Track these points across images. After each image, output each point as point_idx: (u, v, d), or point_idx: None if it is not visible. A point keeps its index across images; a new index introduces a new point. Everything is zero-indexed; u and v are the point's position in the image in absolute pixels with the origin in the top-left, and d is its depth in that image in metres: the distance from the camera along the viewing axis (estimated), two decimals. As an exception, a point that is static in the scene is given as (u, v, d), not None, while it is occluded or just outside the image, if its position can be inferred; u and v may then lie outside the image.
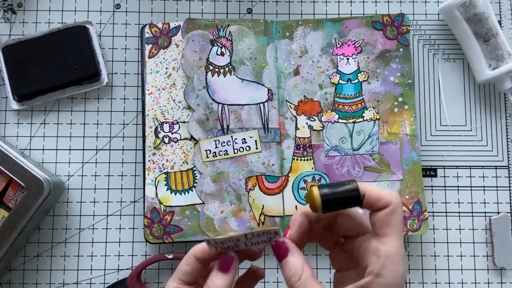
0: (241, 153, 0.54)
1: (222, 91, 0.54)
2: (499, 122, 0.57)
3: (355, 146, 0.54)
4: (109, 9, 0.58)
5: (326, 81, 0.55)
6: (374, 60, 0.55)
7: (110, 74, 0.57)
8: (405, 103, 0.55)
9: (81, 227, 0.55)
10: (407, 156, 0.54)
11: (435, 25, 0.58)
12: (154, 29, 0.55)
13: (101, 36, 0.57)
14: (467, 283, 0.55)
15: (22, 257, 0.54)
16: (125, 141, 0.56)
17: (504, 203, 0.56)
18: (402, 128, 0.54)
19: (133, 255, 0.55)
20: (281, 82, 0.55)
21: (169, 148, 0.54)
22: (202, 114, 0.54)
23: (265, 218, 0.53)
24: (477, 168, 0.57)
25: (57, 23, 0.57)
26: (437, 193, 0.56)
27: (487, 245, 0.56)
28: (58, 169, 0.55)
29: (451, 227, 0.56)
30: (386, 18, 0.56)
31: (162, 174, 0.53)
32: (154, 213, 0.53)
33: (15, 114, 0.56)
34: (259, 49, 0.55)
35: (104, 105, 0.56)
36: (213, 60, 0.55)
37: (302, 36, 0.55)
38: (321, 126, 0.55)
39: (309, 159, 0.54)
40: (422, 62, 0.58)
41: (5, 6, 0.57)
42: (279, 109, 0.54)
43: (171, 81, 0.55)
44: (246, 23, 0.55)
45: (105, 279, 0.54)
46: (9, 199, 0.51)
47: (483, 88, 0.58)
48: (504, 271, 0.55)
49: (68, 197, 0.55)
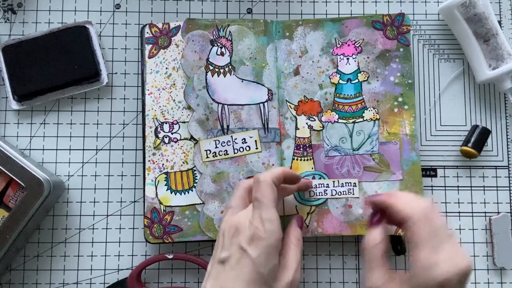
0: (241, 153, 0.54)
1: (222, 91, 0.54)
2: (499, 122, 0.57)
3: (355, 146, 0.54)
4: (109, 9, 0.58)
5: (326, 81, 0.55)
6: (374, 60, 0.55)
7: (110, 74, 0.57)
8: (405, 103, 0.55)
9: (81, 227, 0.55)
10: (407, 156, 0.54)
11: (435, 25, 0.58)
12: (154, 29, 0.55)
13: (101, 36, 0.57)
14: (467, 283, 0.55)
15: (22, 257, 0.54)
16: (125, 141, 0.56)
17: (504, 203, 0.56)
18: (402, 128, 0.54)
19: (133, 255, 0.55)
20: (281, 82, 0.55)
21: (169, 148, 0.54)
22: (202, 114, 0.54)
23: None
24: (477, 168, 0.57)
25: (57, 23, 0.57)
26: (437, 193, 0.56)
27: (487, 245, 0.56)
28: (58, 169, 0.55)
29: (451, 227, 0.56)
30: (386, 18, 0.56)
31: (162, 174, 0.53)
32: (154, 213, 0.53)
33: (15, 114, 0.56)
34: (259, 49, 0.55)
35: (104, 105, 0.56)
36: (213, 60, 0.55)
37: (302, 36, 0.55)
38: (321, 126, 0.55)
39: (309, 159, 0.54)
40: (422, 62, 0.58)
41: (5, 6, 0.57)
42: (279, 109, 0.54)
43: (171, 81, 0.55)
44: (246, 23, 0.55)
45: (105, 279, 0.54)
46: (9, 199, 0.51)
47: (483, 88, 0.58)
48: (504, 271, 0.55)
49: (68, 197, 0.55)
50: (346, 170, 0.54)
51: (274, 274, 0.42)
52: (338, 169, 0.54)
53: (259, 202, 0.43)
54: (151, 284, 0.54)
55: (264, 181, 0.44)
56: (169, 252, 0.54)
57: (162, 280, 0.54)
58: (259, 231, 0.41)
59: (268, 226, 0.41)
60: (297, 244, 0.46)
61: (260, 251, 0.41)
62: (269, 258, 0.41)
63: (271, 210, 0.42)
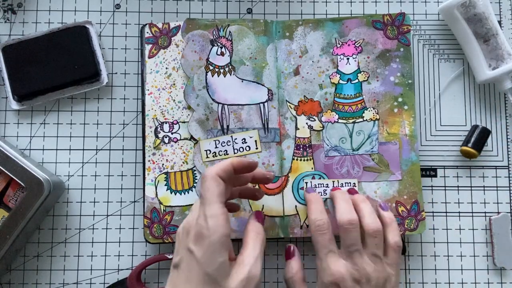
0: (241, 153, 0.54)
1: (222, 91, 0.54)
2: (499, 122, 0.57)
3: (355, 146, 0.54)
4: (109, 9, 0.58)
5: (326, 81, 0.55)
6: (374, 60, 0.55)
7: (110, 74, 0.57)
8: (405, 103, 0.55)
9: (81, 227, 0.55)
10: (406, 156, 0.54)
11: (435, 25, 0.58)
12: (154, 29, 0.55)
13: (101, 36, 0.57)
14: (467, 283, 0.55)
15: (22, 257, 0.54)
16: (125, 141, 0.56)
17: (504, 203, 0.56)
18: (401, 129, 0.54)
19: (133, 255, 0.55)
20: (281, 82, 0.55)
21: (169, 148, 0.54)
22: (202, 114, 0.54)
23: (265, 218, 0.53)
24: (477, 168, 0.57)
25: (57, 23, 0.57)
26: (437, 193, 0.56)
27: (487, 245, 0.56)
28: (58, 169, 0.55)
29: (451, 227, 0.56)
30: (386, 18, 0.55)
31: (162, 174, 0.53)
32: (154, 213, 0.53)
33: (15, 114, 0.56)
34: (259, 49, 0.55)
35: (104, 105, 0.56)
36: (213, 60, 0.55)
37: (302, 36, 0.55)
38: (321, 126, 0.55)
39: (309, 159, 0.54)
40: (422, 62, 0.58)
41: (5, 6, 0.57)
42: (279, 109, 0.54)
43: (171, 81, 0.55)
44: (246, 23, 0.55)
45: (105, 279, 0.54)
46: (9, 199, 0.51)
47: (483, 88, 0.58)
48: (504, 271, 0.55)
49: (68, 197, 0.55)
50: (346, 170, 0.54)
51: (224, 271, 0.40)
52: (338, 169, 0.54)
53: (203, 199, 0.41)
54: (151, 284, 0.54)
55: (207, 175, 0.42)
56: (169, 252, 0.54)
57: (162, 280, 0.54)
58: (203, 228, 0.40)
59: (211, 223, 0.39)
60: (256, 238, 0.44)
61: (204, 250, 0.39)
62: (214, 256, 0.39)
63: (214, 206, 0.40)
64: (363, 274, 0.45)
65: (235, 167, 0.44)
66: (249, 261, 0.41)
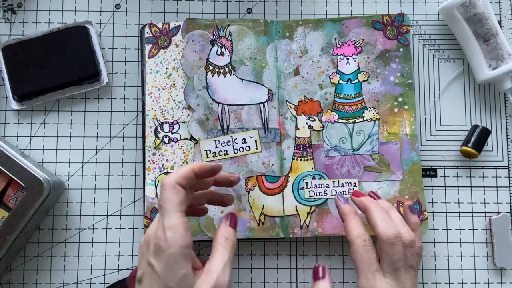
0: (241, 153, 0.54)
1: (222, 91, 0.54)
2: (499, 122, 0.57)
3: (355, 146, 0.54)
4: (109, 9, 0.58)
5: (326, 81, 0.55)
6: (374, 60, 0.55)
7: (110, 74, 0.57)
8: (405, 103, 0.55)
9: (81, 227, 0.55)
10: (407, 156, 0.54)
11: (435, 25, 0.58)
12: (154, 29, 0.55)
13: (101, 36, 0.57)
14: (467, 283, 0.55)
15: (22, 257, 0.54)
16: (125, 141, 0.56)
17: (504, 203, 0.56)
18: (402, 128, 0.54)
19: (133, 255, 0.55)
20: (281, 82, 0.55)
21: (169, 148, 0.54)
22: (202, 114, 0.54)
23: (265, 218, 0.53)
24: (477, 168, 0.57)
25: (57, 23, 0.57)
26: (437, 193, 0.56)
27: (487, 245, 0.56)
28: (58, 169, 0.55)
29: (451, 227, 0.56)
30: (386, 18, 0.56)
31: (162, 174, 0.53)
32: (154, 213, 0.53)
33: (15, 114, 0.56)
34: (259, 49, 0.55)
35: (104, 105, 0.56)
36: (213, 60, 0.55)
37: (302, 36, 0.55)
38: (321, 126, 0.55)
39: (309, 159, 0.54)
40: (422, 62, 0.58)
41: (5, 6, 0.57)
42: (279, 109, 0.54)
43: (171, 81, 0.55)
44: (246, 23, 0.55)
45: (105, 279, 0.54)
46: (9, 199, 0.51)
47: (483, 88, 0.58)
48: (504, 271, 0.55)
49: (68, 197, 0.55)
50: (346, 170, 0.54)
51: (187, 283, 0.38)
52: (338, 169, 0.54)
53: (162, 209, 0.40)
54: (151, 284, 0.54)
55: (165, 184, 0.40)
56: (169, 252, 0.54)
57: (162, 280, 0.54)
58: (161, 241, 0.38)
59: (170, 234, 0.38)
60: (224, 244, 0.42)
61: (164, 263, 0.38)
62: (174, 268, 0.38)
63: (173, 216, 0.39)
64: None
65: (196, 172, 0.42)
66: (217, 269, 0.39)
